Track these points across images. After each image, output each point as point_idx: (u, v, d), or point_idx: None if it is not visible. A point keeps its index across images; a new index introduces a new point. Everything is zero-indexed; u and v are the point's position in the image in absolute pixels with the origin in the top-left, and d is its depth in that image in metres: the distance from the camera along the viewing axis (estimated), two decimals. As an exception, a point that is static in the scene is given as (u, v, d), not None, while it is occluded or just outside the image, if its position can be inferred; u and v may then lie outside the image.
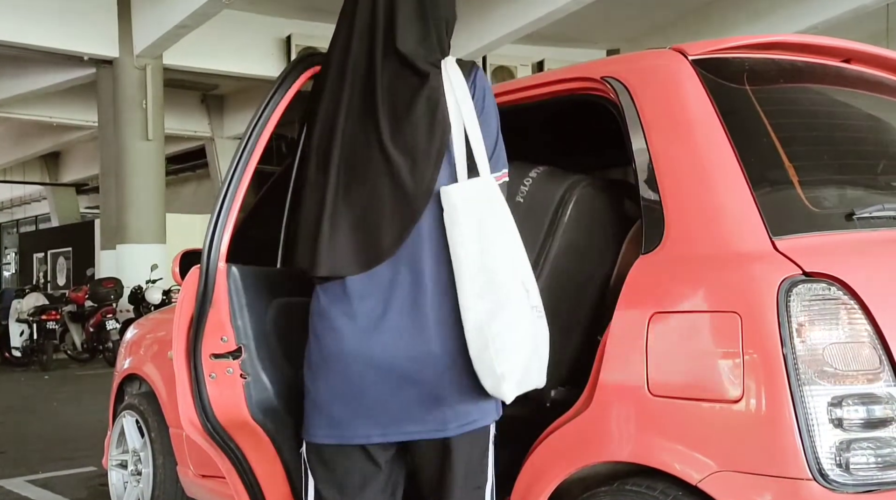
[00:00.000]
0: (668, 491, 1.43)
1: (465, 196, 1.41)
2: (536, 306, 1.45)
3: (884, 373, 1.31)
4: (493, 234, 1.40)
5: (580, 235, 1.77)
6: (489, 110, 1.49)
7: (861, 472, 1.28)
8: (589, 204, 1.80)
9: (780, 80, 1.79)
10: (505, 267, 1.41)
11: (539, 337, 1.45)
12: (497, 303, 1.38)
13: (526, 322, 1.41)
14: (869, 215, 1.51)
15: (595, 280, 1.82)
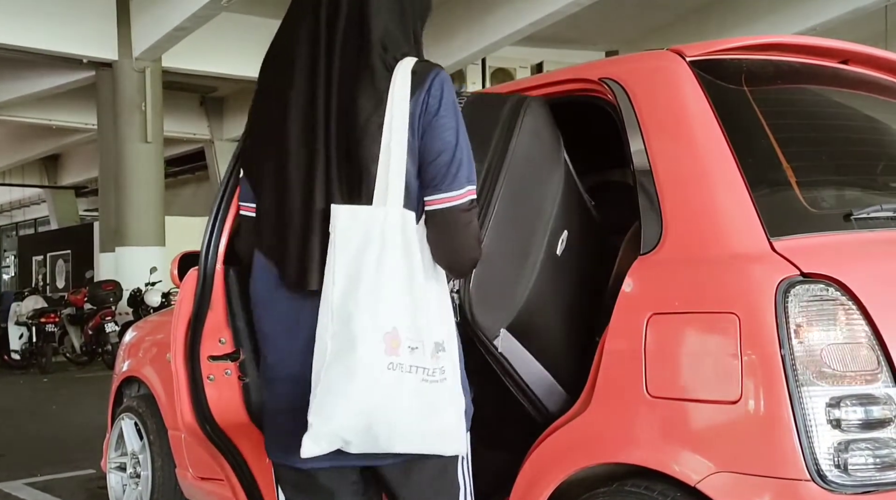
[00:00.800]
0: (666, 492, 1.42)
1: (345, 223, 1.24)
2: (419, 366, 1.25)
3: (882, 374, 1.31)
4: (366, 279, 1.22)
5: (534, 145, 1.70)
6: (442, 123, 1.28)
7: (859, 473, 1.28)
8: (540, 116, 1.74)
9: (777, 82, 1.79)
10: (364, 316, 1.21)
11: (411, 399, 1.24)
12: (345, 344, 1.22)
13: (372, 377, 1.21)
14: (867, 216, 1.51)
15: (548, 200, 1.72)
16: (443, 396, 1.27)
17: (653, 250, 1.55)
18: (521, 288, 1.62)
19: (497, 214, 1.57)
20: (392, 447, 1.26)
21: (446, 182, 1.27)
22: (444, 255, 1.31)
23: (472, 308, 1.51)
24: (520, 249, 1.64)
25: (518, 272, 1.63)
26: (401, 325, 1.23)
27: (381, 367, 1.22)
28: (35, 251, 18.63)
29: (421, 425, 1.26)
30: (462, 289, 1.50)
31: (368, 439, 1.24)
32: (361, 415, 1.22)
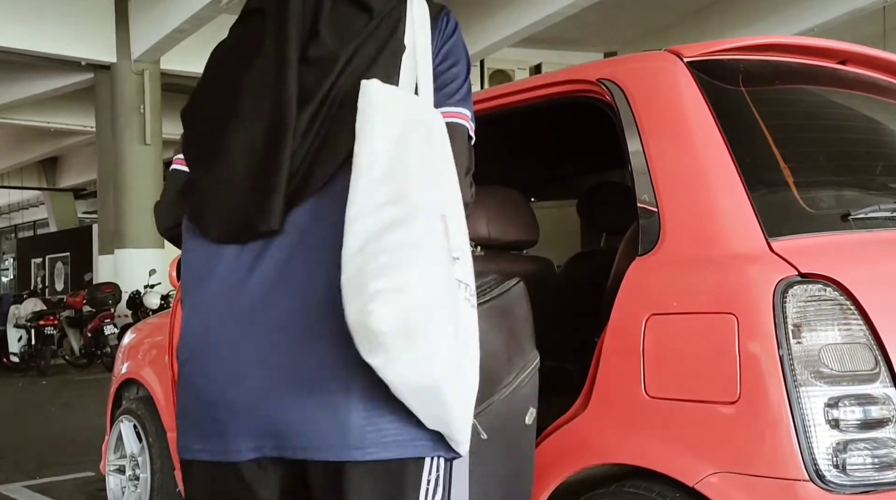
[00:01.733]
0: (665, 493, 1.42)
1: (389, 96, 1.07)
2: (463, 280, 1.06)
3: (880, 374, 1.31)
4: (415, 153, 1.04)
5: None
6: (458, 49, 1.20)
7: (858, 473, 1.28)
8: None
9: (775, 82, 1.79)
10: (421, 188, 1.02)
11: (462, 326, 1.04)
12: (403, 213, 0.99)
13: (438, 257, 1.00)
14: (865, 216, 1.51)
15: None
16: (476, 343, 1.08)
17: (651, 251, 1.55)
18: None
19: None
20: (433, 374, 0.98)
21: (444, 101, 1.15)
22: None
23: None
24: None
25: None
26: (449, 216, 1.04)
27: (443, 246, 1.01)
28: (34, 254, 18.63)
29: (462, 361, 1.03)
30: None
31: (415, 342, 0.96)
32: (425, 299, 0.97)
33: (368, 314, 0.94)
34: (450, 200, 1.07)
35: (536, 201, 3.28)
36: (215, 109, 1.17)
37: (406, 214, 0.99)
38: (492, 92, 2.10)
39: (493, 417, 1.37)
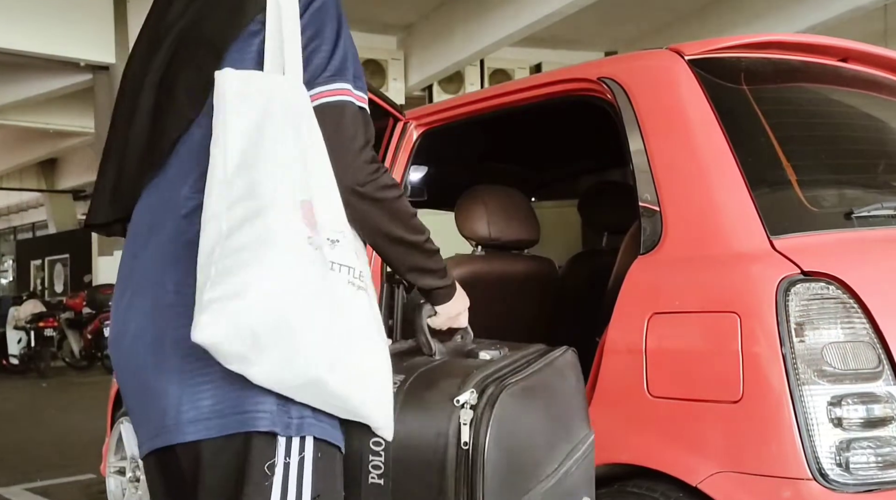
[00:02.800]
0: (668, 493, 1.42)
1: (242, 86, 1.01)
2: (343, 263, 1.00)
3: (883, 372, 1.31)
4: (273, 136, 0.98)
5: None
6: (325, 9, 1.09)
7: (861, 471, 1.27)
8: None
9: (777, 80, 1.78)
10: (275, 175, 0.96)
11: (349, 312, 0.99)
12: (251, 210, 0.94)
13: (293, 249, 0.94)
14: (867, 214, 1.51)
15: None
16: (377, 323, 1.03)
17: (653, 250, 1.54)
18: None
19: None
20: (314, 367, 0.94)
21: (313, 76, 1.06)
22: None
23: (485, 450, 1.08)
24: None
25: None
26: (316, 200, 0.98)
27: (301, 236, 0.94)
28: (33, 255, 18.63)
29: (354, 347, 0.98)
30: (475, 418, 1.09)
31: (282, 343, 0.91)
32: (280, 298, 0.91)
33: (195, 327, 0.90)
34: (317, 184, 1.00)
35: (537, 201, 3.28)
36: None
37: (256, 209, 0.94)
38: (491, 91, 2.09)
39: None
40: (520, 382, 1.16)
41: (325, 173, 1.02)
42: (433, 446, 1.07)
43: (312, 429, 1.02)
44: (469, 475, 1.05)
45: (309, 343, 0.93)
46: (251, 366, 0.92)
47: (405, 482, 1.08)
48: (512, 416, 1.09)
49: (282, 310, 0.91)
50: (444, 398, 1.09)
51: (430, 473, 1.07)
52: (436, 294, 1.24)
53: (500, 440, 1.07)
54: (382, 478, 1.09)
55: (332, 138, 1.04)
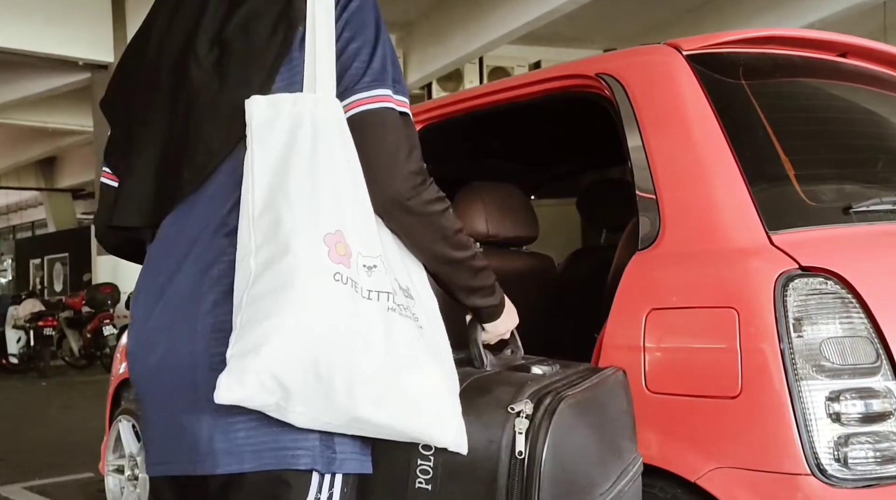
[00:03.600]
0: (666, 489, 1.42)
1: (268, 112, 0.97)
2: (380, 290, 0.94)
3: (881, 367, 1.31)
4: (298, 167, 0.94)
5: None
6: (360, 14, 1.04)
7: (859, 467, 1.27)
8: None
9: (775, 75, 1.78)
10: (297, 210, 0.92)
11: (392, 342, 0.93)
12: (274, 252, 0.90)
13: (319, 290, 0.89)
14: (866, 209, 1.50)
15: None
16: (424, 344, 0.97)
17: (651, 246, 1.54)
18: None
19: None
20: (358, 408, 0.89)
21: (356, 83, 1.01)
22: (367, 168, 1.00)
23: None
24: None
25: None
26: (348, 230, 0.93)
27: (325, 274, 0.89)
28: (32, 255, 18.62)
29: (391, 376, 0.92)
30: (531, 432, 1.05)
31: (320, 390, 0.88)
32: (305, 345, 0.87)
33: (217, 387, 0.87)
34: (350, 210, 0.95)
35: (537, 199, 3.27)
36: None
37: (279, 251, 0.90)
38: (489, 87, 2.09)
39: None
40: (577, 395, 1.12)
41: (359, 196, 0.97)
42: (485, 453, 1.03)
43: (353, 464, 0.99)
44: (523, 487, 1.01)
45: (346, 383, 0.89)
46: (288, 413, 0.89)
47: (452, 490, 1.05)
48: (570, 429, 1.06)
49: (308, 356, 0.87)
50: (498, 406, 1.06)
51: (479, 482, 1.03)
52: (483, 313, 1.19)
53: (558, 453, 1.04)
54: (430, 483, 1.05)
55: (372, 149, 0.98)
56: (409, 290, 1.01)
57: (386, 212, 1.01)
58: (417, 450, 1.06)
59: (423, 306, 1.02)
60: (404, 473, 1.06)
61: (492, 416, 1.06)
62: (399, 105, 1.02)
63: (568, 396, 1.09)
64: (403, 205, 1.00)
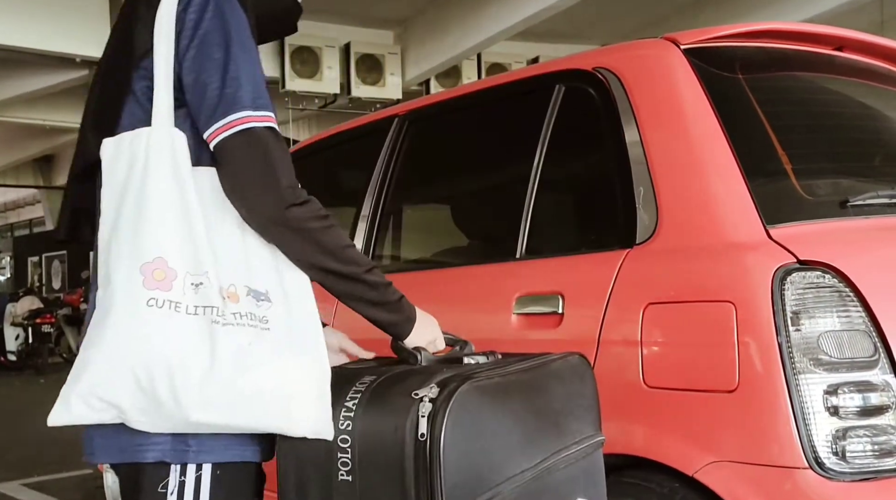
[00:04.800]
0: (664, 483, 1.42)
1: (111, 154, 1.05)
2: (207, 305, 1.02)
3: (879, 361, 1.31)
4: (129, 202, 1.03)
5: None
6: (207, 39, 1.05)
7: (857, 460, 1.27)
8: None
9: (772, 69, 1.78)
10: (121, 243, 1.02)
11: (221, 351, 1.00)
12: (103, 287, 1.03)
13: (131, 319, 0.99)
14: (863, 203, 1.50)
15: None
16: (265, 346, 1.03)
17: (648, 240, 1.54)
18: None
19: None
20: (187, 413, 0.98)
21: (204, 110, 1.05)
22: (231, 192, 1.05)
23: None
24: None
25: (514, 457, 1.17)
26: (171, 255, 1.01)
27: (138, 302, 0.99)
28: (30, 252, 18.60)
29: (224, 381, 0.99)
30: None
31: (149, 402, 0.98)
32: (125, 367, 0.98)
33: (95, 401, 1.00)
34: (170, 238, 1.02)
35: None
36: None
37: (105, 283, 1.03)
38: (485, 82, 2.09)
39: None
40: (491, 379, 1.14)
41: (191, 220, 1.03)
42: (392, 440, 1.07)
43: (211, 456, 1.05)
44: (427, 467, 1.04)
45: (170, 393, 0.98)
46: (132, 422, 1.00)
47: (372, 477, 1.08)
48: (475, 409, 1.07)
49: (128, 374, 0.98)
50: (405, 393, 1.09)
51: (390, 467, 1.07)
52: (387, 328, 1.20)
53: (459, 432, 1.05)
54: (351, 474, 1.09)
55: (240, 172, 1.03)
56: (267, 293, 1.06)
57: (263, 230, 1.06)
58: (337, 444, 1.10)
59: (286, 306, 1.07)
60: (328, 466, 1.10)
61: (399, 403, 1.08)
62: (261, 121, 1.04)
63: (477, 379, 1.10)
64: (279, 223, 1.05)
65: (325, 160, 2.67)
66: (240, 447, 1.07)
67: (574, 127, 1.83)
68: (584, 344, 1.55)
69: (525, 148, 1.87)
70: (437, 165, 2.34)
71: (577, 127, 1.83)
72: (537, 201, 1.79)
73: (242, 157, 1.04)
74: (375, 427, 1.08)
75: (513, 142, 2.19)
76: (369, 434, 1.08)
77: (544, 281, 1.70)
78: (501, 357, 1.27)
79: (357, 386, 1.13)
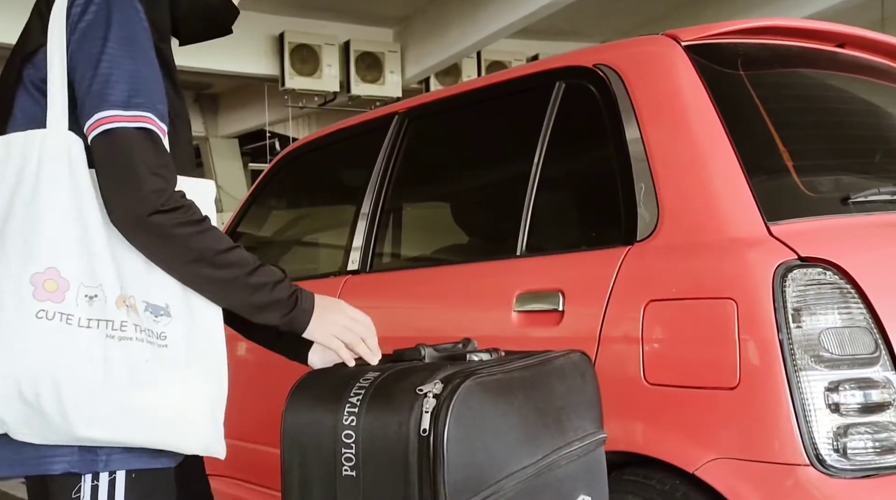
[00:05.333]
0: (665, 480, 1.42)
1: (3, 152, 1.01)
2: (101, 318, 0.99)
3: (880, 357, 1.30)
4: (17, 209, 0.98)
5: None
6: (87, 33, 1.01)
7: (858, 457, 1.27)
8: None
9: (774, 66, 1.77)
10: (9, 253, 0.98)
11: (93, 360, 0.98)
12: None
13: (8, 333, 0.96)
14: (864, 200, 1.50)
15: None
16: (161, 363, 1.01)
17: (649, 237, 1.54)
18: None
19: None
20: (74, 428, 0.96)
21: (83, 107, 1.01)
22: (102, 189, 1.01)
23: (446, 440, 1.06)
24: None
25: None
26: (64, 265, 0.98)
27: (26, 315, 0.96)
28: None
29: (115, 396, 0.97)
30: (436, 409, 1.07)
31: (33, 415, 0.96)
32: (9, 379, 0.94)
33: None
34: (64, 247, 0.99)
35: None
36: None
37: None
38: (485, 80, 2.09)
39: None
40: (493, 375, 1.14)
41: (88, 227, 1.00)
42: (396, 436, 1.07)
43: (124, 463, 1.03)
44: (430, 463, 1.05)
45: (57, 407, 0.96)
46: (18, 435, 0.97)
47: (375, 473, 1.09)
48: (478, 405, 1.08)
49: (12, 387, 0.95)
50: (409, 390, 1.09)
51: (394, 463, 1.07)
52: (285, 327, 1.14)
53: (462, 428, 1.06)
54: (354, 469, 1.10)
55: (104, 171, 1.00)
56: (167, 307, 1.03)
57: (124, 232, 1.02)
58: (341, 439, 1.10)
59: (188, 321, 1.05)
60: (332, 462, 1.11)
61: (402, 399, 1.09)
62: (130, 121, 1.00)
63: (480, 375, 1.11)
64: (141, 228, 1.01)
65: (325, 158, 2.67)
66: (149, 456, 1.04)
67: (574, 124, 1.83)
68: (584, 341, 1.55)
69: (525, 145, 1.87)
70: (437, 163, 2.34)
71: (577, 124, 1.83)
72: (538, 198, 1.79)
73: (102, 158, 1.00)
74: (379, 423, 1.08)
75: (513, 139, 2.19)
76: (373, 430, 1.09)
77: (545, 278, 1.70)
78: (504, 354, 1.28)
79: (361, 382, 1.13)
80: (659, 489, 1.41)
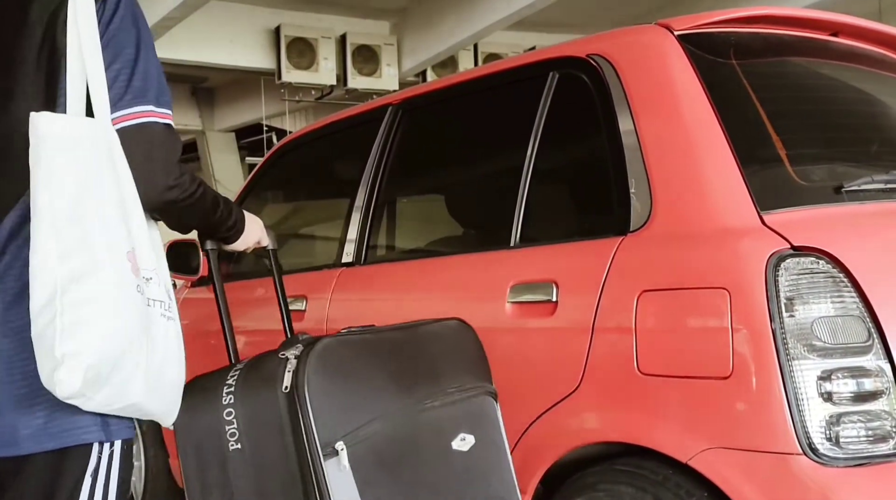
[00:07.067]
0: (658, 470, 1.42)
1: (63, 131, 1.04)
2: (157, 298, 1.11)
3: (873, 346, 1.30)
4: (95, 183, 1.04)
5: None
6: (122, 35, 1.12)
7: (851, 445, 1.27)
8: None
9: (767, 55, 1.77)
10: (105, 225, 1.04)
11: (161, 342, 1.10)
12: (87, 265, 1.01)
13: (126, 301, 1.04)
14: (857, 188, 1.50)
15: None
16: (179, 343, 1.15)
17: (642, 227, 1.53)
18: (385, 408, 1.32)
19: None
20: (139, 395, 1.07)
21: (120, 102, 1.10)
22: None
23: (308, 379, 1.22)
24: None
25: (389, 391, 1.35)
26: (138, 248, 1.09)
27: (130, 287, 1.05)
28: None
29: (162, 371, 1.11)
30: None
31: (114, 381, 1.03)
32: (114, 348, 1.02)
33: (57, 384, 0.99)
34: (137, 229, 1.10)
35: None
36: None
37: (92, 266, 1.02)
38: (480, 70, 2.08)
39: (380, 440, 1.26)
40: (356, 335, 1.30)
41: (139, 215, 1.11)
42: (266, 398, 1.20)
43: (124, 433, 1.14)
44: (296, 413, 1.17)
45: (132, 377, 1.06)
46: (88, 401, 1.03)
47: (257, 440, 1.21)
48: (336, 357, 1.22)
49: (118, 355, 1.03)
50: (274, 357, 1.23)
51: (269, 424, 1.20)
52: (231, 237, 1.39)
53: (322, 378, 1.20)
54: (239, 442, 1.21)
55: (140, 160, 1.10)
56: (170, 291, 1.16)
57: (161, 211, 1.18)
58: (223, 417, 1.23)
59: (178, 318, 1.18)
60: (220, 441, 1.23)
61: (270, 367, 1.23)
62: (162, 118, 1.14)
63: (339, 336, 1.25)
64: (178, 204, 1.17)
65: (319, 151, 2.66)
66: (131, 426, 1.17)
67: (568, 114, 1.82)
68: (578, 332, 1.55)
69: (519, 136, 1.86)
70: (431, 154, 2.34)
71: (570, 114, 1.82)
72: (531, 189, 1.79)
73: (145, 145, 1.11)
74: (252, 393, 1.21)
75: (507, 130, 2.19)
76: (248, 400, 1.21)
77: (538, 269, 1.69)
78: (377, 326, 1.45)
79: (237, 365, 1.28)
80: (652, 479, 1.41)
